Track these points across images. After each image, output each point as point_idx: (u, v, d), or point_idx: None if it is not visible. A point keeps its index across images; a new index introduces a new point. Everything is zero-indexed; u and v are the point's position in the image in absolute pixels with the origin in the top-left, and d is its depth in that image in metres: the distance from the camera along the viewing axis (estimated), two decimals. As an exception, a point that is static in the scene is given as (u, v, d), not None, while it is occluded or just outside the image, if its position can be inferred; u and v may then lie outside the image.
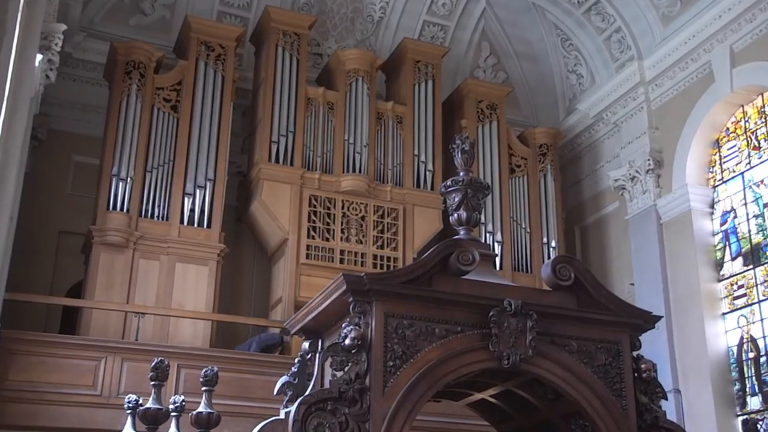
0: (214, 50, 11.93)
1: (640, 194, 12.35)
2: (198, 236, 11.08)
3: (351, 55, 12.64)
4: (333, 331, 4.47)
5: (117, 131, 11.11)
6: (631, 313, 4.74)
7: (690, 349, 11.07)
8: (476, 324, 4.32)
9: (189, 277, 10.89)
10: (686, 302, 11.29)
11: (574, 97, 14.10)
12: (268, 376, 9.60)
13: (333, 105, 12.32)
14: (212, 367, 4.94)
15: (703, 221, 11.58)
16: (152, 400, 4.99)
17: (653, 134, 12.38)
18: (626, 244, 12.62)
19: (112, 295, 10.48)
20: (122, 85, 11.33)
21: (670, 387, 10.72)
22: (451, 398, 5.11)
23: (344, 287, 4.17)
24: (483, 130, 13.13)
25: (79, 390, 9.40)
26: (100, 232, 10.64)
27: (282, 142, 11.75)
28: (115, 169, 10.89)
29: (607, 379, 4.49)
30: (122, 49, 11.49)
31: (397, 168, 12.39)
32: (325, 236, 11.62)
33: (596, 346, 4.53)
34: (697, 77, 11.81)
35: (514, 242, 12.74)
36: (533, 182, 13.25)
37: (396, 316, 4.19)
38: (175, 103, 11.59)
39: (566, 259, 4.72)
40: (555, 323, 4.47)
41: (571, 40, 13.77)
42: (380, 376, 4.06)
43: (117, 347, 9.76)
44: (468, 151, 4.96)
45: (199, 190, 11.21)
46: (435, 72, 13.06)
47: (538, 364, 4.37)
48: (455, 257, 4.38)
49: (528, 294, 4.60)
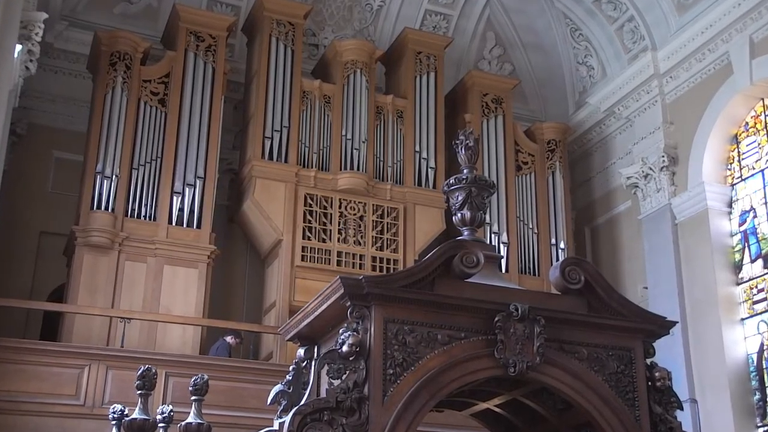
0: (204, 40, 11.93)
1: (653, 193, 12.35)
2: (187, 237, 11.08)
3: (349, 45, 12.65)
4: (330, 338, 4.47)
5: (101, 126, 11.11)
6: (645, 318, 4.74)
7: (707, 357, 11.07)
8: (481, 330, 4.32)
9: (177, 280, 10.89)
10: (703, 307, 11.30)
11: (584, 91, 14.11)
12: (262, 384, 9.59)
13: (330, 98, 12.33)
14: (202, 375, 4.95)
15: (720, 221, 11.58)
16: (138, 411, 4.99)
17: (668, 129, 12.39)
18: (639, 245, 12.63)
19: (96, 300, 10.48)
20: (107, 78, 11.33)
21: (686, 396, 10.72)
22: (455, 408, 5.11)
23: (341, 291, 4.17)
24: (488, 124, 13.15)
25: (61, 400, 9.40)
26: (84, 232, 10.65)
27: (276, 138, 11.75)
28: (99, 166, 10.90)
29: (619, 388, 4.49)
30: (107, 39, 11.49)
31: (397, 165, 12.40)
32: (321, 237, 11.63)
33: (608, 353, 4.53)
34: (715, 69, 11.81)
35: (520, 243, 12.76)
36: (541, 180, 13.26)
37: (396, 321, 4.19)
38: (163, 96, 11.60)
39: (576, 261, 4.71)
40: (564, 329, 4.47)
41: (581, 30, 13.77)
42: (379, 384, 4.06)
43: (101, 354, 9.75)
44: (472, 147, 4.96)
45: (188, 188, 11.21)
46: (437, 64, 13.07)
47: (546, 372, 4.37)
48: (459, 259, 4.38)
49: (535, 298, 4.60)
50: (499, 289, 4.55)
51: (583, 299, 4.64)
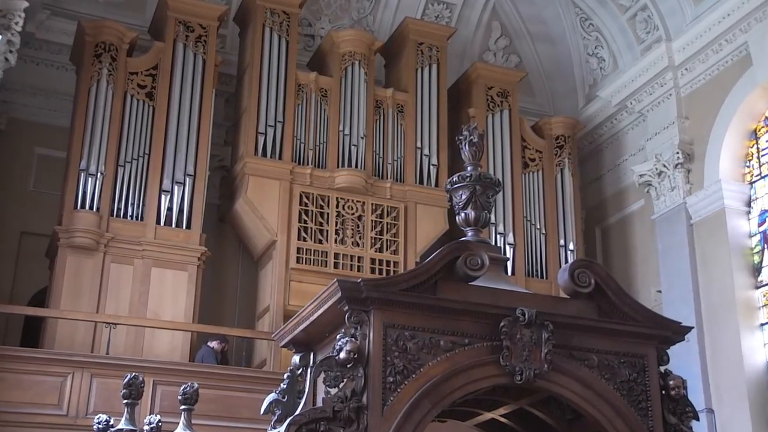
0: (194, 31, 11.93)
1: (668, 191, 12.36)
2: (176, 238, 11.09)
3: (346, 36, 12.65)
4: (326, 344, 4.48)
5: (85, 121, 11.11)
6: (659, 323, 4.74)
7: (724, 364, 11.08)
8: (486, 336, 4.33)
9: (166, 283, 10.90)
10: (720, 312, 11.30)
11: (595, 83, 14.12)
12: (255, 393, 9.60)
13: (326, 92, 12.33)
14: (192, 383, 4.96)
15: (738, 221, 11.59)
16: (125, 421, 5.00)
17: (683, 124, 12.39)
18: (652, 246, 12.63)
19: (79, 304, 10.48)
20: (91, 69, 11.33)
21: (702, 406, 10.72)
22: (458, 418, 5.12)
23: (339, 295, 4.17)
24: (493, 119, 13.15)
25: (43, 410, 9.40)
26: (67, 233, 10.65)
27: (270, 134, 11.75)
28: (83, 163, 10.90)
29: (632, 397, 4.50)
30: (91, 28, 11.49)
31: (397, 162, 12.41)
32: (317, 238, 11.63)
33: (619, 361, 4.54)
34: (733, 60, 11.82)
35: (527, 245, 12.77)
36: (549, 178, 13.27)
37: (396, 326, 4.20)
38: (151, 89, 11.60)
39: (586, 263, 4.72)
40: (573, 335, 4.48)
41: (592, 20, 13.77)
42: (379, 393, 4.07)
43: (85, 362, 9.76)
44: (476, 143, 4.97)
45: (177, 186, 11.21)
46: (440, 55, 13.08)
47: (554, 380, 4.38)
48: (462, 261, 4.39)
49: (543, 302, 4.61)
50: (504, 292, 4.55)
51: (594, 303, 4.65)
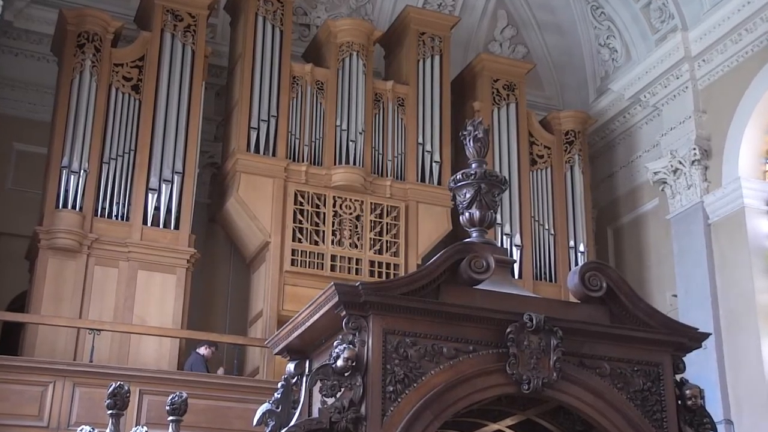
0: (182, 20, 11.93)
1: (684, 189, 12.36)
2: (164, 239, 11.09)
3: (344, 25, 12.65)
4: (323, 351, 4.48)
5: (68, 115, 11.11)
6: (674, 329, 4.74)
7: (744, 373, 11.08)
8: (491, 342, 4.33)
9: (153, 287, 10.90)
10: (739, 317, 11.31)
11: (607, 76, 14.11)
12: (247, 403, 9.63)
13: (323, 84, 12.33)
14: (180, 392, 4.95)
15: (758, 221, 11.59)
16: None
17: (700, 119, 12.39)
18: (668, 248, 12.63)
19: (61, 309, 10.48)
20: (73, 61, 11.33)
21: (721, 417, 10.73)
22: (462, 429, 5.11)
23: (336, 299, 4.18)
24: (499, 113, 13.16)
25: (22, 421, 9.40)
26: (48, 234, 10.64)
27: (263, 129, 11.76)
28: (65, 159, 10.90)
29: (646, 407, 4.50)
30: (73, 17, 11.48)
31: (397, 159, 12.41)
32: (313, 239, 11.63)
33: (633, 369, 4.54)
34: (753, 51, 11.81)
35: (535, 246, 12.77)
36: (558, 175, 13.27)
37: (397, 332, 4.20)
38: (137, 82, 11.60)
39: (597, 266, 4.72)
40: (584, 342, 4.48)
41: (603, 8, 13.77)
42: (378, 403, 4.07)
43: (67, 370, 9.76)
44: (481, 138, 4.97)
45: (165, 184, 11.21)
46: (442, 46, 13.08)
47: (563, 389, 4.38)
48: (466, 264, 4.39)
49: (552, 307, 4.61)
50: (511, 296, 4.56)
51: (605, 308, 4.65)
